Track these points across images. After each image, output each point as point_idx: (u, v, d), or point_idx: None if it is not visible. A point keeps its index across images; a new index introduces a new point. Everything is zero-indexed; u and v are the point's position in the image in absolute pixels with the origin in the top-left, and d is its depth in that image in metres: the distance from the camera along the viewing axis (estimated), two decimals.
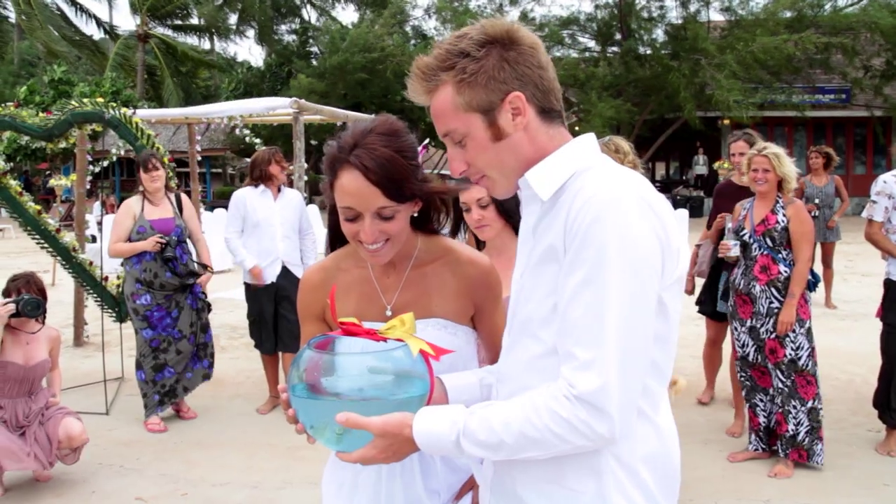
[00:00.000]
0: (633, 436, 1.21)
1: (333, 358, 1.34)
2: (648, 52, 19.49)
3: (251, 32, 30.87)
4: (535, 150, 1.26)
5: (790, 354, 3.90)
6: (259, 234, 5.03)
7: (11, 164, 21.92)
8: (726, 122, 18.91)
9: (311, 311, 1.66)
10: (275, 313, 5.06)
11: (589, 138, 1.31)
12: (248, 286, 5.14)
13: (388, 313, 1.58)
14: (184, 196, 5.11)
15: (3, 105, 6.05)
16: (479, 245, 2.63)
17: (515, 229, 2.36)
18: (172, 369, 4.84)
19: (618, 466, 1.22)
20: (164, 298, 4.78)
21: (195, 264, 4.97)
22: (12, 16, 28.91)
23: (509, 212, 2.41)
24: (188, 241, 4.99)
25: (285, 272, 5.05)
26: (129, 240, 4.74)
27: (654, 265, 1.16)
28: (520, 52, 1.24)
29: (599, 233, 1.12)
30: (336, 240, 1.69)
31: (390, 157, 1.44)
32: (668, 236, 1.18)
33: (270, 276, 5.04)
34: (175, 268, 4.77)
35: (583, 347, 1.13)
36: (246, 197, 5.07)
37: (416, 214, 1.56)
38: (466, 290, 1.63)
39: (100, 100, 6.02)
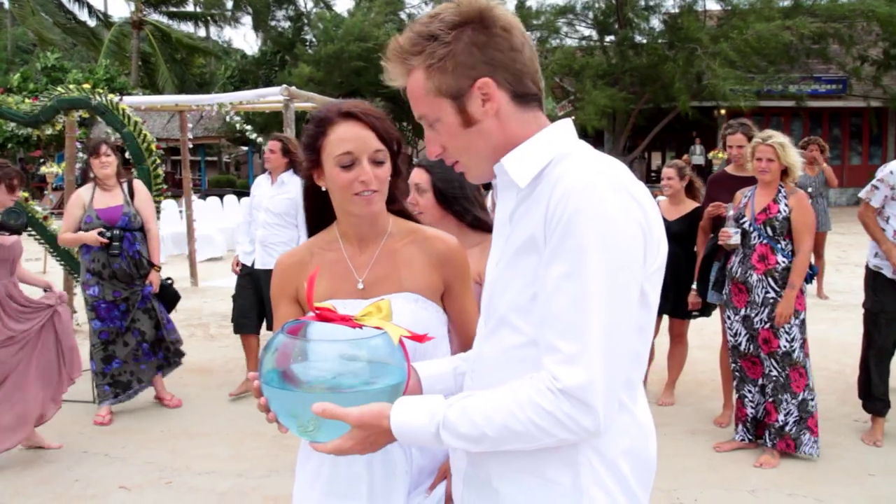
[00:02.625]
0: (614, 428, 1.19)
1: (307, 345, 1.30)
2: (645, 41, 19.42)
3: (247, 20, 30.68)
4: (507, 136, 1.23)
5: (784, 346, 3.89)
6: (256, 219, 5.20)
7: (3, 151, 21.85)
8: (723, 111, 18.88)
9: (285, 291, 1.70)
10: (260, 299, 5.07)
11: (566, 124, 1.28)
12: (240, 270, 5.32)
13: (360, 286, 1.64)
14: (137, 184, 4.95)
15: None
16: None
17: (459, 218, 2.40)
18: (119, 360, 4.79)
19: (597, 459, 1.21)
20: (112, 293, 4.70)
21: (144, 260, 4.82)
22: (5, 2, 28.67)
23: (449, 200, 2.37)
24: (140, 231, 4.85)
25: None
26: (79, 229, 4.66)
27: (636, 255, 1.14)
28: (491, 35, 1.20)
29: (581, 223, 1.10)
30: (315, 225, 1.77)
31: (377, 110, 1.61)
32: (650, 225, 1.16)
33: (248, 260, 5.17)
34: (122, 260, 4.68)
35: (566, 340, 1.11)
36: (256, 182, 5.30)
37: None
38: (435, 264, 1.69)
39: (86, 86, 5.96)
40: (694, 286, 4.61)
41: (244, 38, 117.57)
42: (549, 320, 1.13)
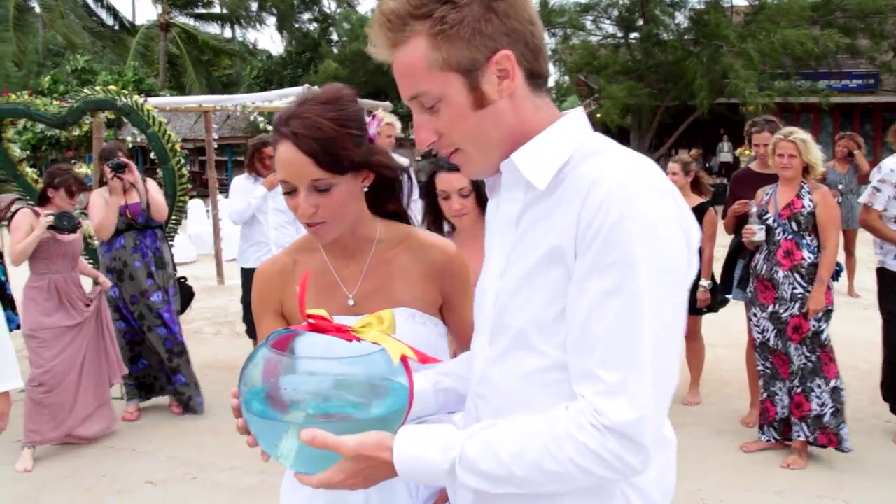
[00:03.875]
0: None
1: (295, 362, 1.11)
2: (669, 37, 19.22)
3: (272, 21, 30.94)
4: (520, 121, 1.06)
5: (813, 326, 3.82)
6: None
7: (37, 153, 22.27)
8: (750, 108, 18.64)
9: (268, 305, 1.52)
10: None
11: (579, 113, 1.12)
12: (243, 272, 5.22)
13: (351, 303, 1.47)
14: (149, 182, 4.89)
15: (17, 94, 6.11)
16: (440, 231, 2.57)
17: None
18: (146, 362, 4.84)
19: (632, 492, 1.08)
20: (131, 297, 4.69)
21: (166, 259, 4.83)
22: (36, 6, 29.20)
23: (486, 201, 2.32)
24: (160, 229, 4.86)
25: None
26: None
27: (684, 266, 1.02)
28: (510, 2, 1.03)
29: (626, 233, 0.95)
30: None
31: (324, 124, 1.33)
32: (689, 228, 1.04)
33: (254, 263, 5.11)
34: (143, 258, 4.70)
35: (611, 369, 0.97)
36: (245, 188, 5.15)
37: (366, 189, 1.44)
38: (432, 276, 1.51)
39: (113, 88, 6.05)
40: (702, 283, 4.58)
41: (271, 38, 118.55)
42: (587, 344, 0.98)
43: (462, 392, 1.29)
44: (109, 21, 30.12)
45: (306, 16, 29.78)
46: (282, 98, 7.92)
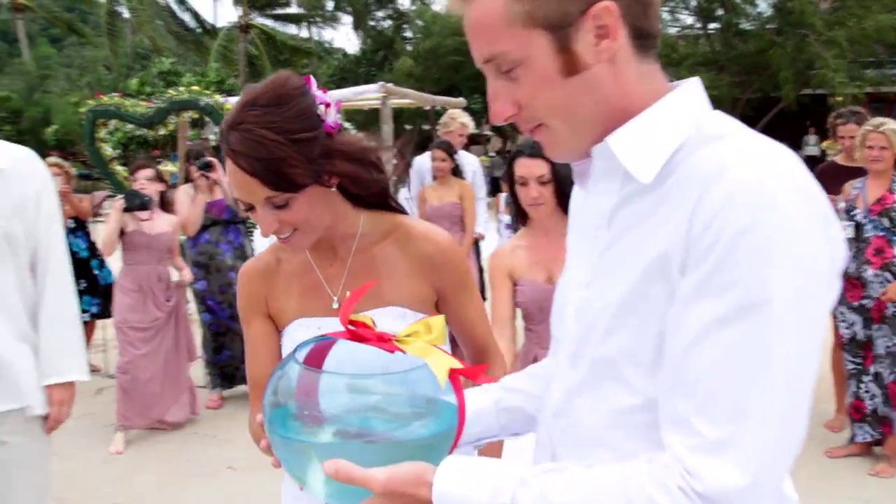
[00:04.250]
0: None
1: (327, 378, 0.96)
2: (751, 26, 18.59)
3: (347, 19, 31.51)
4: (620, 93, 0.85)
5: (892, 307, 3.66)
6: None
7: (126, 151, 23.33)
8: (838, 98, 17.83)
9: (254, 306, 1.42)
10: None
11: (696, 85, 0.89)
12: None
13: (335, 306, 1.35)
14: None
15: (108, 95, 6.43)
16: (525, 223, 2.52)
17: (565, 209, 2.11)
18: (229, 352, 5.00)
19: None
20: (219, 287, 4.88)
21: (249, 253, 4.99)
22: (125, 12, 30.67)
23: (566, 193, 2.19)
24: (243, 224, 5.04)
25: None
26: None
27: (823, 294, 0.79)
28: None
29: (755, 246, 0.73)
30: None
31: (266, 137, 1.17)
32: (837, 247, 0.80)
33: None
34: (227, 252, 4.88)
35: (712, 419, 0.75)
36: None
37: (333, 188, 1.29)
38: (421, 270, 1.37)
39: (195, 88, 6.29)
40: None
41: (346, 37, 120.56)
42: (686, 383, 0.77)
43: (529, 412, 1.12)
44: (192, 24, 31.37)
45: (381, 13, 30.18)
46: (356, 95, 8.05)
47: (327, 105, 1.24)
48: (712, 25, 19.69)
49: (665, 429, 0.79)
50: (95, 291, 5.39)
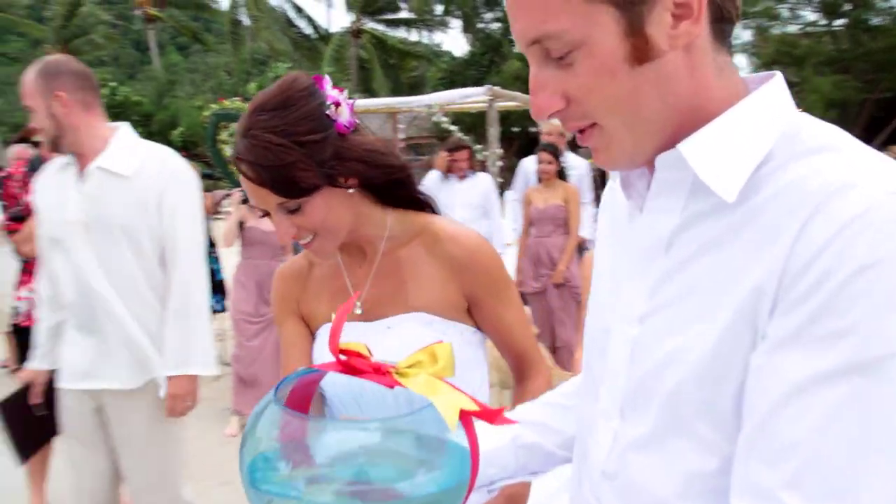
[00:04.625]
0: None
1: (312, 425, 0.81)
2: (882, 22, 17.43)
3: (455, 23, 31.92)
4: (697, 90, 0.69)
5: None
6: None
7: None
8: None
9: (287, 307, 1.39)
10: None
11: (779, 82, 0.73)
12: None
13: (358, 311, 1.29)
14: None
15: (229, 100, 6.82)
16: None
17: None
18: None
19: None
20: None
21: None
22: (245, 19, 32.36)
23: None
24: None
25: None
26: None
27: None
28: None
29: (880, 288, 0.59)
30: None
31: (272, 143, 1.12)
32: None
33: None
34: None
35: (808, 496, 0.60)
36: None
37: (351, 190, 1.22)
38: (449, 273, 1.27)
39: None
40: None
41: (455, 40, 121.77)
42: (774, 450, 0.62)
43: (549, 449, 0.99)
44: (307, 30, 32.73)
45: (489, 16, 30.38)
46: (463, 97, 8.15)
47: (338, 104, 1.17)
48: (838, 22, 18.63)
49: (740, 498, 0.64)
50: (214, 288, 5.71)
